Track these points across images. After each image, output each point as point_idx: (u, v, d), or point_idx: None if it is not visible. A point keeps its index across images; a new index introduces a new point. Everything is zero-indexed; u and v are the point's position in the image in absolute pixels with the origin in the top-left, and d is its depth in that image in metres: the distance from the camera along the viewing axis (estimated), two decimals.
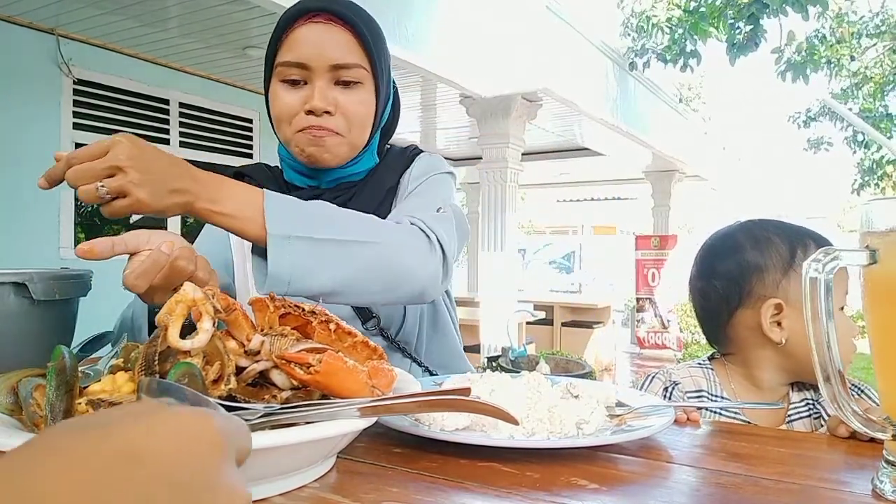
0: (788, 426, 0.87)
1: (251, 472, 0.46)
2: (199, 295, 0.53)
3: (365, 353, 0.59)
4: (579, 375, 4.01)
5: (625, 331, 8.90)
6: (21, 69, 3.60)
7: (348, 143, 0.88)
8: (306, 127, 0.85)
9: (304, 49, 0.84)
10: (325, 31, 0.84)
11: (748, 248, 0.91)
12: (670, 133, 7.80)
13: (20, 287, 0.74)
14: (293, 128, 0.86)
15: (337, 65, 0.84)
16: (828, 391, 0.48)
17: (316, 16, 0.84)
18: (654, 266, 7.38)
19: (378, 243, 0.75)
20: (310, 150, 0.87)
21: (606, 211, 16.28)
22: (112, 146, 0.63)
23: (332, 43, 0.84)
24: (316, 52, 0.83)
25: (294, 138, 0.87)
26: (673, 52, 6.13)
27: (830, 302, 0.47)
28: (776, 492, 0.50)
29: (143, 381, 0.45)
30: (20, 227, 3.56)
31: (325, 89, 0.84)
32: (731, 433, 0.69)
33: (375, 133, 0.93)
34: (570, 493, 0.49)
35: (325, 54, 0.84)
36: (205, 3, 3.41)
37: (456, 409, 0.50)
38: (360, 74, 0.86)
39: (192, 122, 4.58)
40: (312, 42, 0.84)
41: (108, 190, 0.63)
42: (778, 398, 0.91)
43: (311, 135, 0.85)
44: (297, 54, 0.84)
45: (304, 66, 0.84)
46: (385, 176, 0.95)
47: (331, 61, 0.84)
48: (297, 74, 0.85)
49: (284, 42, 0.85)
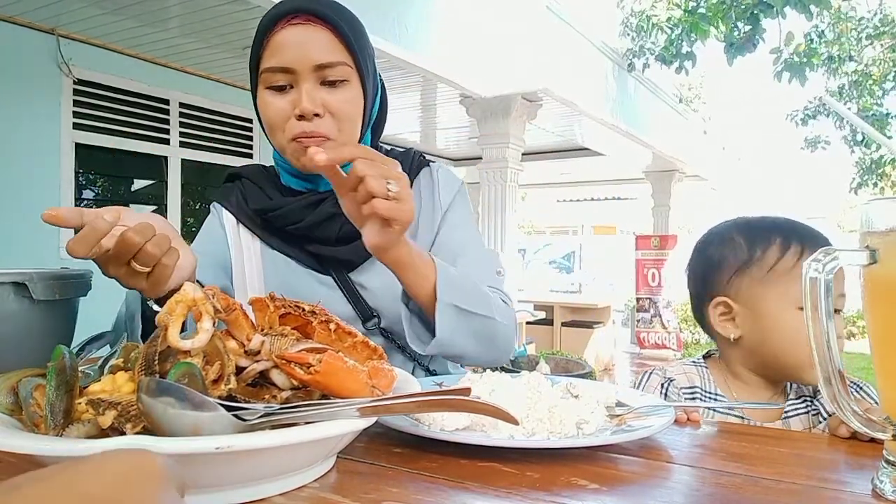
0: (784, 423, 0.87)
1: (251, 472, 0.46)
2: (199, 295, 0.53)
3: (365, 353, 0.59)
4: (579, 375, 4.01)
5: (625, 331, 8.90)
6: (21, 69, 3.60)
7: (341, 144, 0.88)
8: (299, 134, 0.85)
9: (286, 53, 0.83)
10: (306, 31, 0.83)
11: (714, 245, 0.93)
12: (670, 133, 7.80)
13: (20, 287, 0.74)
14: (287, 135, 0.86)
15: (321, 65, 0.83)
16: (828, 391, 0.48)
17: (295, 17, 0.83)
18: (654, 266, 7.38)
19: (495, 320, 0.85)
20: (304, 160, 0.86)
21: (606, 211, 16.27)
22: None
23: (314, 43, 0.83)
24: (299, 55, 0.83)
25: (288, 147, 0.87)
26: (670, 54, 6.13)
27: (830, 302, 0.47)
28: (776, 492, 0.50)
29: (143, 381, 0.45)
30: (20, 227, 3.56)
31: (312, 91, 0.84)
32: (731, 433, 0.69)
33: (366, 130, 0.93)
34: (570, 493, 0.49)
35: (307, 55, 0.83)
36: (205, 3, 3.41)
37: (456, 409, 0.50)
38: (346, 72, 0.85)
39: (192, 122, 4.58)
40: (294, 44, 0.83)
41: (396, 190, 0.67)
42: (773, 395, 0.91)
43: (303, 145, 0.85)
44: (281, 59, 0.83)
45: (288, 70, 0.83)
46: None
47: (314, 62, 0.83)
48: (283, 79, 0.84)
49: (266, 47, 0.85)
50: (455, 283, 0.80)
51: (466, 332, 0.81)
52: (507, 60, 4.97)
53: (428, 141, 7.44)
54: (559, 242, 17.34)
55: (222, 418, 0.45)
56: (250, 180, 0.99)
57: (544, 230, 19.73)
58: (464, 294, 0.81)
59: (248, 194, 0.97)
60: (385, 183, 0.66)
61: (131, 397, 0.48)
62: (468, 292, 0.82)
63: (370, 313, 0.93)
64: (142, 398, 0.44)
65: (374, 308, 0.93)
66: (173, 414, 0.44)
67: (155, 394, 0.44)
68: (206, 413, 0.45)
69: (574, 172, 9.79)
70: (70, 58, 3.77)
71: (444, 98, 5.42)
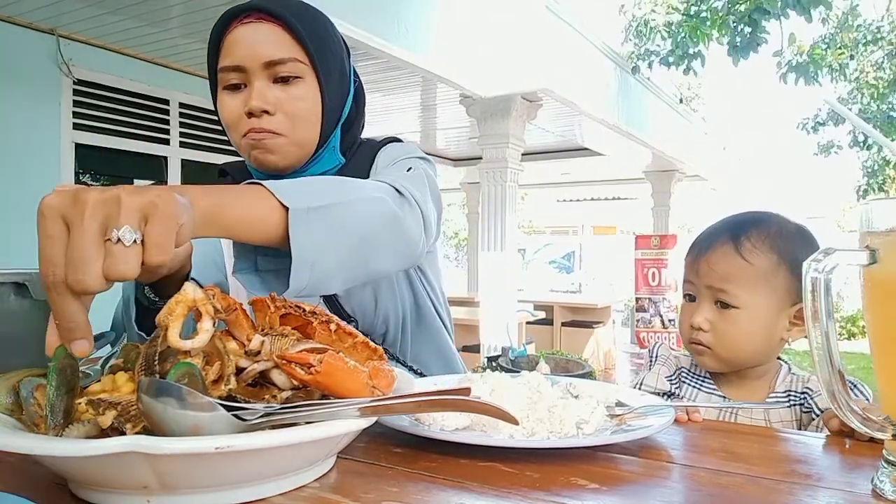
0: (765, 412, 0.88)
1: (252, 471, 0.46)
2: (199, 295, 0.53)
3: (365, 353, 0.59)
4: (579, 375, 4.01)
5: (625, 331, 8.91)
6: (21, 69, 3.60)
7: (293, 142, 0.86)
8: (248, 131, 0.84)
9: (237, 51, 0.83)
10: (256, 29, 0.83)
11: None
12: (670, 133, 7.80)
13: (20, 287, 0.74)
14: (239, 133, 0.86)
15: (270, 61, 0.83)
16: (827, 390, 0.48)
17: (247, 16, 0.84)
18: (654, 266, 7.38)
19: (356, 199, 0.67)
20: (254, 153, 0.86)
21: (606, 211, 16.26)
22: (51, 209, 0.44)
23: (263, 40, 0.83)
24: (248, 52, 0.83)
25: (241, 143, 0.87)
26: (676, 56, 6.13)
27: (830, 302, 0.47)
28: (776, 492, 0.50)
29: (143, 381, 0.45)
30: (20, 227, 3.54)
31: (264, 89, 0.83)
32: (731, 433, 0.70)
33: (333, 129, 0.91)
34: (570, 493, 0.49)
35: (256, 52, 0.83)
36: (205, 3, 3.41)
37: (456, 409, 0.50)
38: (298, 69, 0.84)
39: (192, 122, 4.57)
40: (244, 43, 0.83)
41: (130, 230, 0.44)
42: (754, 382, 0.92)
43: (251, 139, 0.84)
44: (232, 58, 0.84)
45: (240, 68, 0.83)
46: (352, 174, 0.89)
47: (263, 59, 0.83)
48: (237, 78, 0.84)
49: (221, 48, 0.85)
50: (305, 186, 0.64)
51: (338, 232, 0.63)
52: (507, 60, 4.96)
53: (428, 141, 7.44)
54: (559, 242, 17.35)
55: (222, 418, 0.45)
56: (233, 177, 0.99)
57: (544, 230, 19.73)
58: (315, 192, 0.63)
59: None
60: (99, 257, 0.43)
61: (131, 397, 0.48)
62: (322, 188, 0.66)
63: (348, 317, 0.92)
64: (142, 398, 0.44)
65: (350, 311, 0.92)
66: (173, 414, 0.44)
67: (155, 394, 0.44)
68: (206, 413, 0.45)
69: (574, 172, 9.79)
70: (70, 58, 3.77)
71: (444, 98, 5.42)
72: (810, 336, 0.48)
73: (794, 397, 0.89)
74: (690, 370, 0.95)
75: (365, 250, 0.68)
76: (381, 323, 0.95)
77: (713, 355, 0.90)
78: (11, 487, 0.48)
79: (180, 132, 4.49)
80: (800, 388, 0.89)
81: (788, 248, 0.87)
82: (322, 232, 0.61)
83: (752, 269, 0.87)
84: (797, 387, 0.90)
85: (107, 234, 0.43)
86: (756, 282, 0.87)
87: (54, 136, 3.77)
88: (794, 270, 0.86)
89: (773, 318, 0.87)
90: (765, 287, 0.87)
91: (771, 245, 0.87)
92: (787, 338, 0.88)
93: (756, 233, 0.88)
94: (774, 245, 0.87)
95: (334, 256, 0.63)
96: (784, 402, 0.89)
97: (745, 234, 0.89)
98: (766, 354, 0.91)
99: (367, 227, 0.67)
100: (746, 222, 0.91)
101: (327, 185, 0.69)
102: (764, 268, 0.87)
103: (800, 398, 0.89)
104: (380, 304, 0.93)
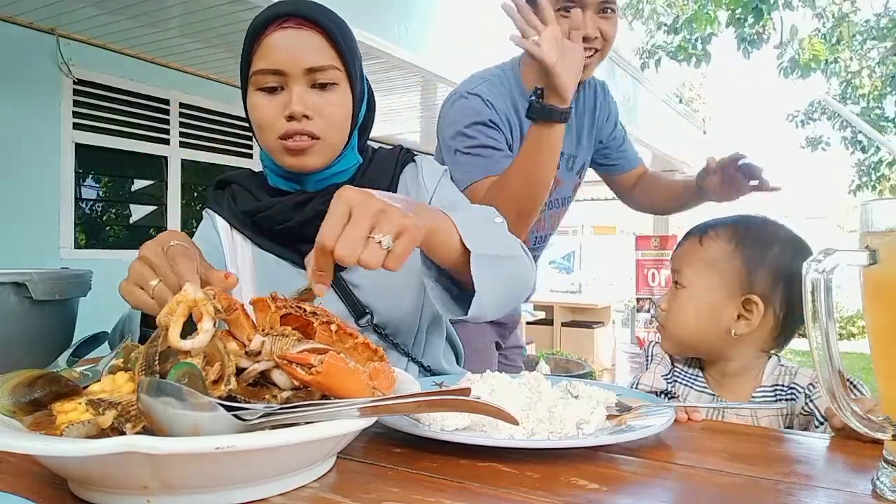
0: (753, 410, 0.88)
1: (252, 471, 0.46)
2: (199, 295, 0.53)
3: (366, 354, 0.59)
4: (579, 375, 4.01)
5: (625, 331, 8.90)
6: (21, 69, 3.60)
7: (328, 145, 0.89)
8: (287, 132, 0.86)
9: (278, 55, 0.84)
10: (297, 35, 0.85)
11: None
12: (670, 133, 7.79)
13: (20, 287, 0.74)
14: (274, 134, 0.87)
15: (312, 68, 0.85)
16: (827, 390, 0.48)
17: (286, 21, 0.85)
18: (655, 266, 7.37)
19: (519, 257, 0.84)
20: (290, 161, 0.88)
21: (606, 211, 16.24)
22: (346, 200, 0.60)
23: (305, 47, 0.85)
24: (290, 58, 0.84)
25: (274, 145, 0.88)
26: (685, 52, 6.13)
27: (831, 302, 0.47)
28: (776, 492, 0.50)
29: (143, 381, 0.45)
30: (20, 227, 3.56)
31: (303, 93, 0.85)
32: (731, 433, 0.70)
33: (354, 132, 0.94)
34: (570, 493, 0.49)
35: (299, 59, 0.84)
36: (205, 3, 3.41)
37: (456, 409, 0.50)
38: (335, 76, 0.87)
39: (192, 123, 4.57)
40: (286, 47, 0.84)
41: (389, 238, 0.60)
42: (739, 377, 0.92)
43: (290, 146, 0.86)
44: (272, 61, 0.85)
45: (279, 72, 0.85)
46: (375, 177, 0.96)
47: (306, 65, 0.84)
48: (274, 81, 0.86)
49: (257, 50, 0.86)
50: (475, 229, 0.76)
51: (500, 279, 0.78)
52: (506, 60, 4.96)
53: (428, 141, 7.43)
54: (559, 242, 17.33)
55: (222, 418, 0.45)
56: (239, 185, 1.00)
57: None
58: (485, 239, 0.77)
59: (237, 198, 0.98)
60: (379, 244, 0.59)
61: (131, 397, 0.48)
62: (488, 237, 0.79)
63: (363, 310, 0.93)
64: (142, 398, 0.44)
65: (366, 305, 0.94)
66: (173, 414, 0.44)
67: (155, 394, 0.44)
68: (206, 413, 0.45)
69: None
70: (70, 58, 3.76)
71: (444, 98, 5.42)
72: (810, 336, 0.48)
73: (782, 391, 0.89)
74: (683, 368, 0.96)
75: (512, 295, 0.84)
76: (396, 315, 0.96)
77: (667, 335, 0.95)
78: (11, 487, 0.48)
79: (180, 132, 4.49)
80: (787, 381, 0.89)
81: (749, 240, 0.90)
82: (490, 278, 0.75)
83: (704, 252, 0.93)
84: (785, 381, 0.90)
85: (372, 233, 0.59)
86: (705, 264, 0.92)
87: (54, 135, 3.76)
88: (748, 262, 0.89)
89: (717, 303, 0.89)
90: (712, 270, 0.91)
91: (730, 235, 0.92)
92: (734, 329, 0.88)
93: (723, 225, 0.94)
94: (734, 235, 0.91)
95: (495, 297, 0.77)
96: (771, 397, 0.89)
97: (713, 226, 0.94)
98: (716, 344, 0.91)
99: (519, 280, 0.84)
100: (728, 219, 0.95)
101: (493, 233, 0.84)
102: (716, 253, 0.91)
103: (787, 393, 0.88)
104: (396, 298, 0.95)
